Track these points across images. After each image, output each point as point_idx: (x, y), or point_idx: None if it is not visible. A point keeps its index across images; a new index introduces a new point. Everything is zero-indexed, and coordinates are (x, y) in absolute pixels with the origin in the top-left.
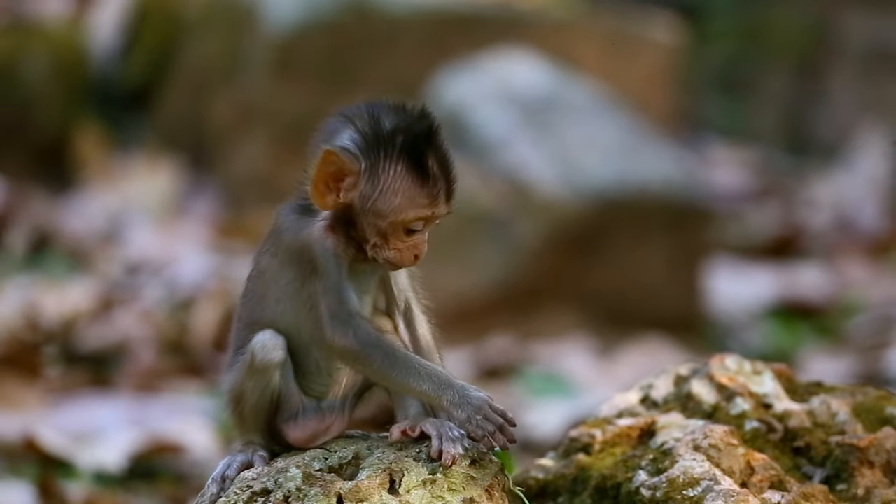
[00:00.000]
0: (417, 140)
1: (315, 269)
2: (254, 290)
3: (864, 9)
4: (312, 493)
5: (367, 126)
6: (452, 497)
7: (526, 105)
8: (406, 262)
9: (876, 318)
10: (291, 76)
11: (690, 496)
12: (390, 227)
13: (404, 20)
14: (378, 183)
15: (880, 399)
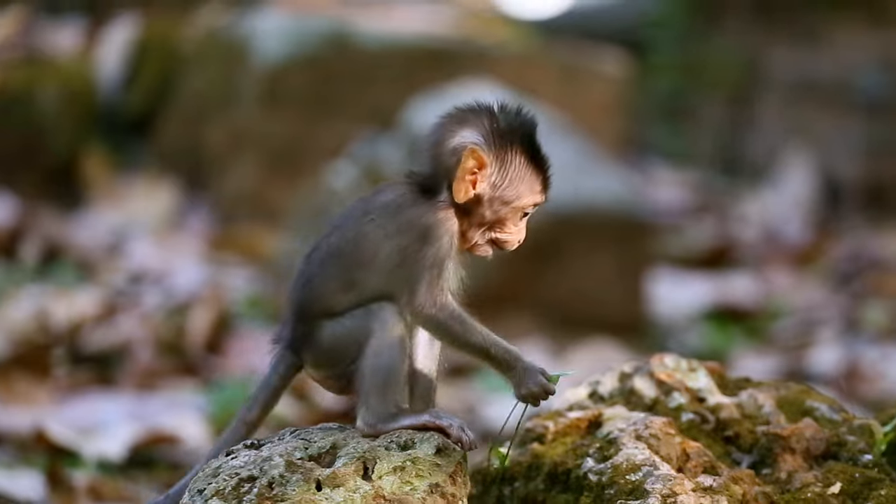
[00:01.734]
0: (531, 135)
1: (428, 242)
2: (348, 252)
3: (790, 46)
4: (294, 480)
5: (490, 124)
6: (420, 482)
7: None
8: (515, 244)
9: (799, 322)
10: (278, 105)
11: (632, 480)
12: (511, 213)
13: (380, 54)
14: (506, 173)
15: (801, 393)
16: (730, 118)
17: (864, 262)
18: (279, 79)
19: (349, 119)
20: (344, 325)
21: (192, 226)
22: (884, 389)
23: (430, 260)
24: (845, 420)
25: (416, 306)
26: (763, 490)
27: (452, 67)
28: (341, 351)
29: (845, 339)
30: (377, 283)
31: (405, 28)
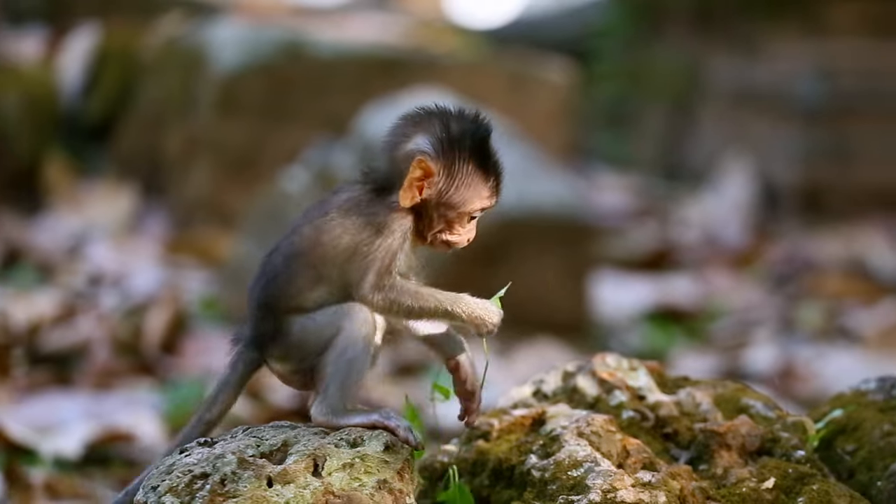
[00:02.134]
0: (481, 142)
1: (381, 235)
2: (310, 249)
3: (729, 54)
4: (246, 476)
5: (440, 131)
6: (368, 478)
7: None
8: (462, 244)
9: (736, 322)
10: (234, 112)
11: (574, 476)
12: (458, 217)
13: (333, 63)
14: (453, 180)
15: (737, 391)
16: (671, 125)
17: (800, 265)
18: (235, 86)
19: (303, 126)
20: (315, 321)
21: (150, 229)
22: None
23: (381, 251)
24: (779, 417)
25: (365, 292)
26: (700, 485)
27: (404, 76)
28: (310, 346)
29: (781, 339)
30: (339, 278)
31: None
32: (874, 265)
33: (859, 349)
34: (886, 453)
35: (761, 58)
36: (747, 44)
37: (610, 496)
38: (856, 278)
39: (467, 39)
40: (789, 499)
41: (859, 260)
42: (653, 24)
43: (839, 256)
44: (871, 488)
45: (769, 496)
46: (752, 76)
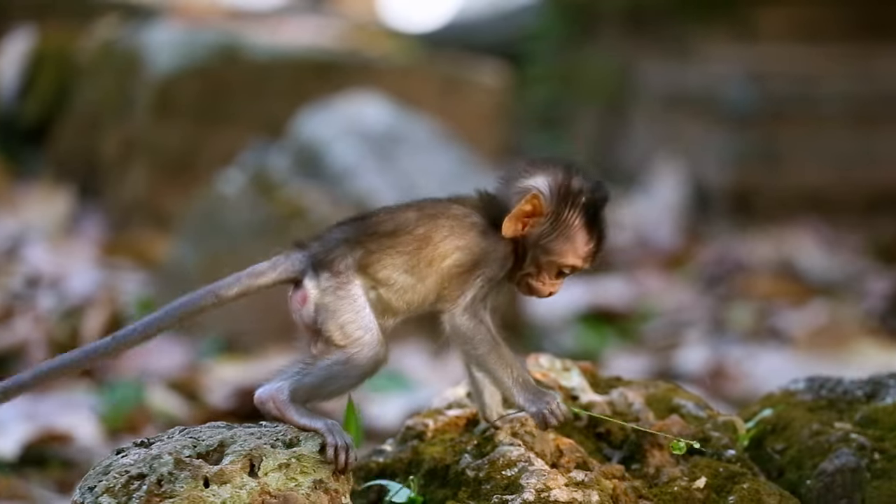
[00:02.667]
0: (596, 205)
1: (484, 267)
2: (417, 233)
3: (661, 58)
4: (182, 477)
5: (560, 179)
6: (304, 479)
7: (373, 140)
8: (542, 295)
9: (668, 323)
10: (170, 115)
11: (508, 476)
12: (549, 265)
13: (269, 66)
14: (557, 227)
15: (669, 391)
16: (603, 127)
17: (731, 266)
18: (171, 89)
19: (239, 128)
20: (360, 315)
21: (87, 231)
22: (747, 387)
23: (480, 282)
24: (710, 417)
25: (458, 309)
26: (632, 484)
27: (339, 79)
28: (338, 321)
29: (711, 340)
30: (432, 284)
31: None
32: (803, 266)
33: (789, 349)
34: (815, 452)
35: (693, 61)
36: (679, 47)
37: (543, 495)
38: (785, 279)
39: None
40: (720, 497)
41: (789, 261)
42: (585, 28)
43: (769, 258)
44: (801, 487)
45: (700, 495)
46: (684, 79)
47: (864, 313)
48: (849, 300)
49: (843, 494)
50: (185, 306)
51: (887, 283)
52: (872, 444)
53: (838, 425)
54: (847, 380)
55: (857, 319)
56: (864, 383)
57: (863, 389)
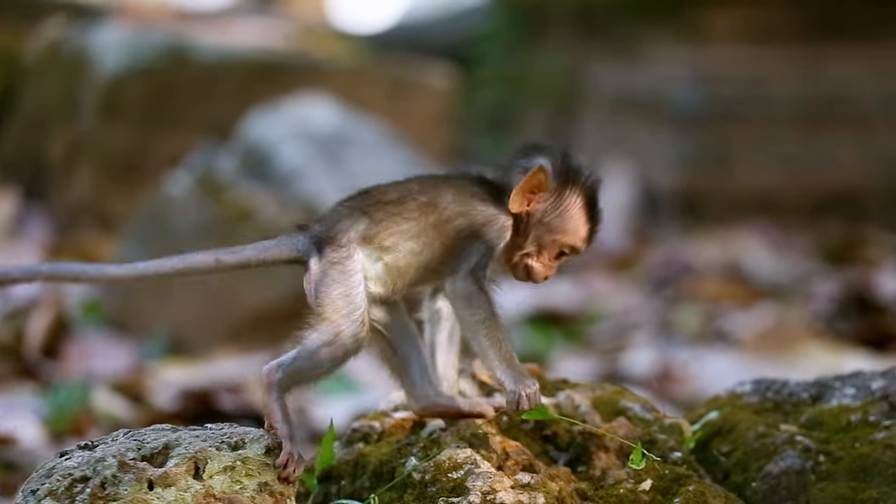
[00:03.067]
0: (593, 186)
1: (485, 234)
2: (422, 201)
3: (611, 60)
4: (126, 480)
5: (562, 159)
6: (249, 481)
7: (320, 142)
8: (538, 279)
9: (615, 325)
10: (117, 116)
11: (454, 478)
12: (551, 244)
13: (217, 67)
14: (560, 204)
15: (616, 393)
16: (553, 129)
17: (678, 269)
18: (118, 90)
19: (187, 130)
20: (349, 289)
21: (32, 233)
22: (694, 390)
23: (483, 249)
24: (657, 419)
25: (460, 273)
26: (578, 486)
27: (287, 81)
28: (326, 294)
29: (659, 342)
30: (437, 248)
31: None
32: (751, 269)
33: (735, 352)
34: (761, 454)
35: (642, 63)
36: (628, 49)
37: (489, 498)
38: (733, 282)
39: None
40: (666, 500)
41: (736, 264)
42: (534, 29)
43: (717, 260)
44: (746, 489)
45: (646, 497)
46: (633, 81)
47: (811, 316)
48: (796, 303)
49: (788, 497)
50: (184, 259)
51: (834, 286)
52: (817, 447)
53: (784, 427)
54: (793, 382)
55: (804, 322)
56: (810, 386)
57: (808, 392)
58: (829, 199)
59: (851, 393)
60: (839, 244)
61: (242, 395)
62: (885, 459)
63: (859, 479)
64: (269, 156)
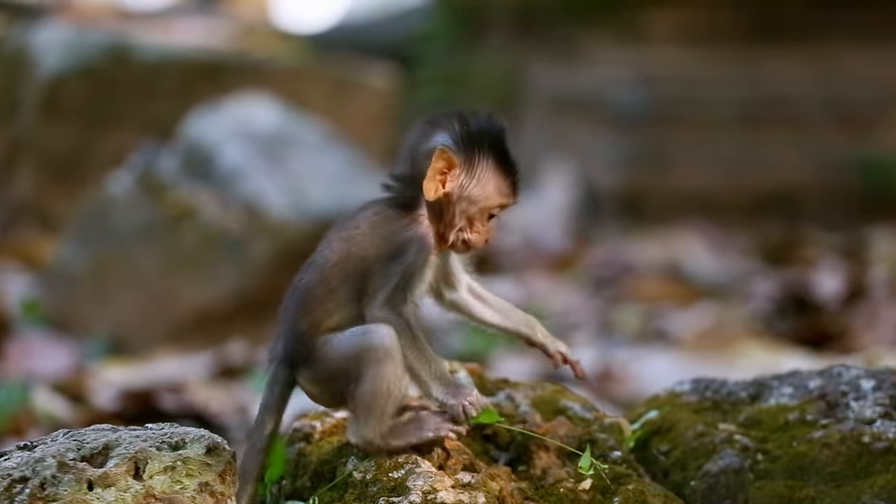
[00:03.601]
0: (498, 139)
1: (403, 254)
2: (339, 262)
3: (551, 61)
4: (66, 480)
5: (459, 128)
6: (190, 481)
7: (262, 141)
8: (481, 244)
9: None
10: (58, 116)
11: (395, 478)
12: (478, 213)
13: (159, 67)
14: (473, 174)
15: (555, 393)
16: None
17: (619, 268)
18: (60, 89)
19: (129, 130)
20: (341, 342)
21: None
22: (633, 389)
23: (401, 269)
24: (596, 418)
25: (375, 305)
26: (519, 486)
27: (228, 80)
28: (339, 366)
29: (599, 342)
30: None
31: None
32: (690, 268)
33: (675, 351)
34: (700, 453)
35: (582, 64)
36: (568, 50)
37: (430, 497)
38: (673, 281)
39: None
40: (605, 499)
41: (676, 263)
42: (475, 30)
43: (657, 260)
44: (685, 488)
45: (586, 496)
46: (573, 82)
47: (750, 315)
48: (735, 302)
49: (726, 495)
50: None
51: (772, 285)
52: (756, 446)
53: (722, 427)
54: (731, 381)
55: (743, 321)
56: (749, 385)
57: (747, 391)
58: (768, 198)
59: (789, 392)
60: (777, 244)
61: (183, 394)
62: (822, 458)
63: (797, 477)
64: (211, 155)
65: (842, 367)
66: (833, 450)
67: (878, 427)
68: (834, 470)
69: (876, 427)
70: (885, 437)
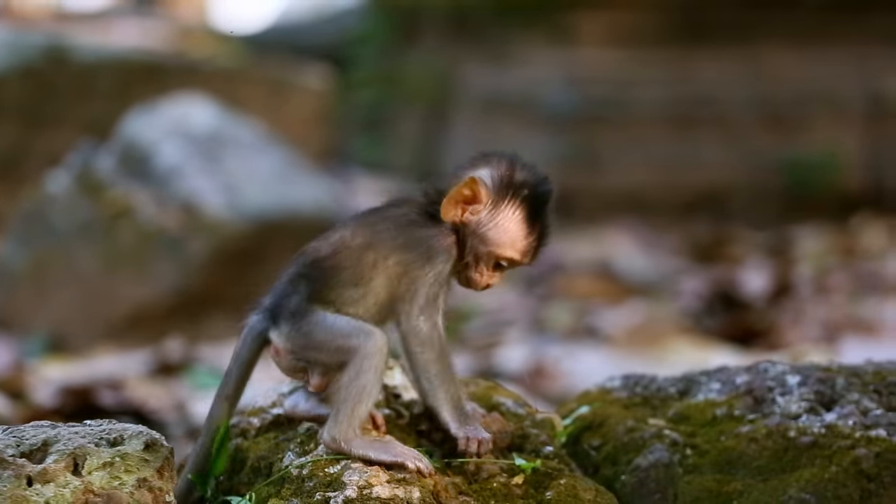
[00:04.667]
0: (538, 199)
1: (432, 262)
2: (360, 247)
3: (481, 63)
4: (6, 476)
5: (504, 170)
6: (128, 477)
7: (198, 141)
8: (478, 288)
9: (489, 323)
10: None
11: (331, 473)
12: (486, 256)
13: (96, 68)
14: (496, 217)
15: (489, 389)
16: (426, 129)
17: (550, 267)
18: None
19: (67, 130)
20: (334, 323)
21: None
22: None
23: (431, 278)
24: (529, 414)
25: (412, 316)
26: (453, 481)
27: (165, 81)
28: (319, 342)
29: (532, 339)
30: (381, 287)
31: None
32: (621, 267)
33: (606, 348)
34: (630, 448)
35: (513, 65)
36: (499, 51)
37: (366, 492)
38: (603, 279)
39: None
40: (538, 493)
41: (607, 262)
42: (408, 32)
43: (588, 258)
44: (616, 482)
45: (519, 491)
46: (504, 83)
47: (679, 312)
48: (664, 300)
49: (656, 489)
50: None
51: (701, 283)
52: (685, 440)
53: (652, 422)
54: (661, 377)
55: (672, 319)
56: (678, 381)
57: (676, 387)
58: (697, 198)
59: (717, 388)
60: (706, 242)
61: (122, 391)
62: (749, 452)
63: (725, 471)
64: (148, 155)
65: (768, 363)
66: (760, 444)
67: (803, 422)
68: (761, 464)
69: (801, 422)
70: (810, 431)
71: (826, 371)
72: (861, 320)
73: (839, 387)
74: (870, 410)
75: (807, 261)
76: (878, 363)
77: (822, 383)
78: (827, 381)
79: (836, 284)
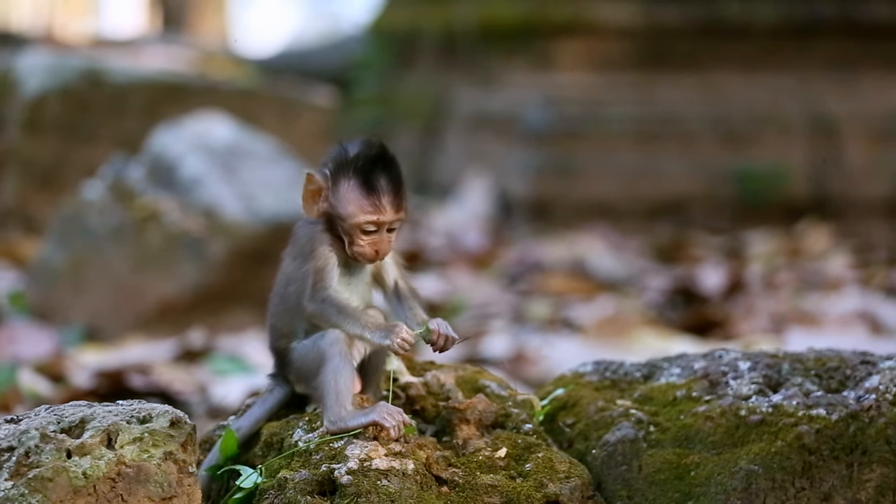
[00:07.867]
0: (368, 162)
1: (311, 255)
2: (284, 283)
3: (470, 85)
4: (47, 449)
5: (336, 154)
6: (156, 450)
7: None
8: (368, 257)
9: (475, 315)
10: (39, 131)
11: (335, 448)
12: (351, 229)
13: (128, 88)
14: (338, 195)
15: (476, 373)
16: (421, 145)
17: (530, 266)
18: (41, 108)
19: (102, 144)
20: (304, 346)
21: None
22: (543, 370)
23: (312, 270)
24: (511, 395)
25: (304, 307)
26: (443, 454)
27: (189, 100)
28: (307, 367)
29: (513, 329)
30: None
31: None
32: (593, 266)
33: (579, 338)
34: (600, 426)
35: (498, 87)
36: (486, 76)
37: (366, 464)
38: (577, 277)
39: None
40: (518, 465)
41: (580, 262)
42: (405, 57)
43: (563, 259)
44: (587, 455)
45: (502, 463)
46: (490, 104)
47: (644, 306)
48: (631, 295)
49: (623, 462)
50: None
51: (664, 281)
52: (648, 419)
53: (620, 402)
54: (628, 363)
55: (638, 312)
56: (643, 366)
57: (641, 371)
58: (660, 206)
59: (677, 372)
60: (668, 245)
61: (150, 375)
62: (705, 429)
63: (684, 446)
64: (173, 166)
65: (723, 350)
66: (714, 422)
67: (753, 402)
68: (715, 439)
69: (751, 402)
70: (759, 410)
71: (773, 358)
72: (804, 313)
73: (784, 371)
74: (811, 392)
75: (757, 261)
76: (819, 351)
77: (770, 368)
78: (774, 366)
79: (782, 282)
